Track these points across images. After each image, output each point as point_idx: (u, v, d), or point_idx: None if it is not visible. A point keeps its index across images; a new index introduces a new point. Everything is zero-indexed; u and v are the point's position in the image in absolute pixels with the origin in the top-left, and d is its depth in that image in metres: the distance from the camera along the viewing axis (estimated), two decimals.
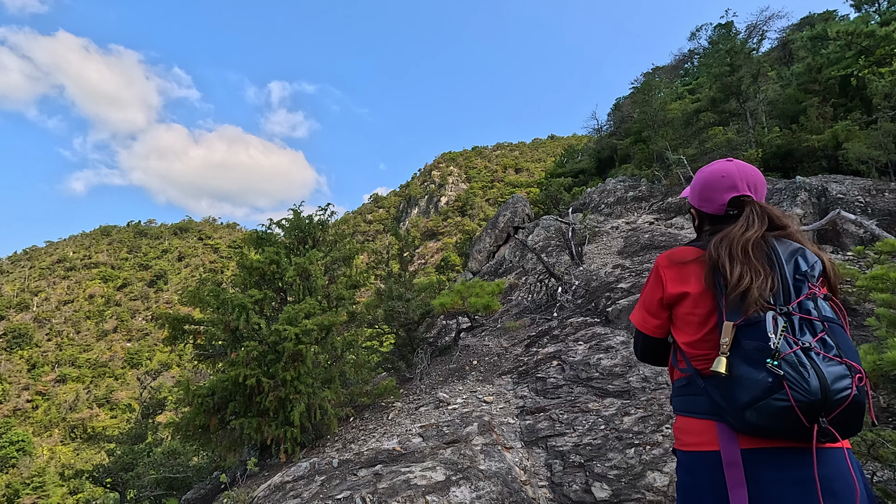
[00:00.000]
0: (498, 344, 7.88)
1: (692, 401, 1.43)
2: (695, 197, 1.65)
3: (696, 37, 31.95)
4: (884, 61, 14.35)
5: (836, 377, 1.15)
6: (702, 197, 1.60)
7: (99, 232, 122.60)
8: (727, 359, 1.28)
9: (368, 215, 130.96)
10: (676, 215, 13.51)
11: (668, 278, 1.52)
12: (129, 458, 9.63)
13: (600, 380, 4.88)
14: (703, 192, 1.60)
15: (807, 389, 1.13)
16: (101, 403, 69.75)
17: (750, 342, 1.25)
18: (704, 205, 1.60)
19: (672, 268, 1.53)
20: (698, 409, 1.40)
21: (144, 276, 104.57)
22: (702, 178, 1.63)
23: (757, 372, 1.20)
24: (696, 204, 1.65)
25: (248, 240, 6.37)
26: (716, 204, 1.56)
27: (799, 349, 1.19)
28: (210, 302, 5.47)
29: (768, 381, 1.17)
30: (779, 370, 1.16)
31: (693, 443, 1.39)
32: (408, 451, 3.91)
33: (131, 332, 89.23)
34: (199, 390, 5.28)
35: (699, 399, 1.41)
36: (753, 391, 1.20)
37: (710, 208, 1.59)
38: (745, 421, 1.23)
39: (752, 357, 1.23)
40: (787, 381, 1.14)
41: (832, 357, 1.19)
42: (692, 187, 1.67)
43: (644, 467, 3.13)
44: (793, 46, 20.34)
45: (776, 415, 1.16)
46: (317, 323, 5.27)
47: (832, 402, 1.13)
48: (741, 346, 1.27)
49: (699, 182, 1.63)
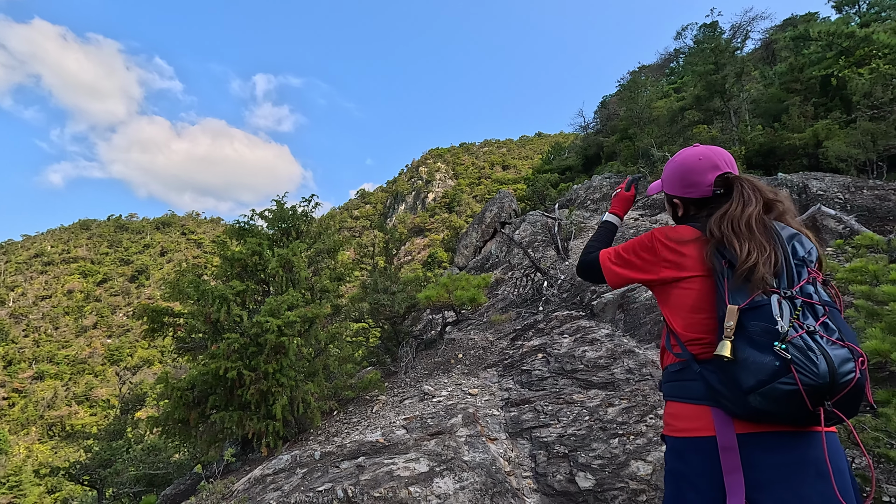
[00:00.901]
0: (483, 338, 7.86)
1: (685, 386, 1.41)
2: (675, 186, 1.62)
3: (681, 36, 32.23)
4: (863, 62, 14.63)
5: (841, 360, 1.14)
6: (684, 183, 1.58)
7: (78, 226, 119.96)
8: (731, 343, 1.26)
9: (355, 211, 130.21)
10: (661, 211, 13.62)
11: (665, 258, 1.48)
12: (108, 455, 9.43)
13: (585, 371, 4.88)
14: (684, 178, 1.58)
15: (815, 373, 1.12)
16: (81, 401, 68.45)
17: (756, 325, 1.23)
18: (689, 190, 1.57)
19: (670, 247, 1.48)
20: (692, 395, 1.38)
21: (125, 272, 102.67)
22: (678, 165, 1.61)
23: (763, 356, 1.19)
24: (678, 192, 1.61)
25: (230, 231, 6.25)
26: (702, 186, 1.54)
27: (805, 332, 1.17)
28: (190, 293, 5.35)
29: (775, 364, 1.15)
30: (786, 354, 1.14)
31: (686, 428, 1.37)
32: (391, 442, 3.87)
33: (112, 328, 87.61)
34: (178, 384, 5.17)
35: (693, 384, 1.38)
36: (759, 375, 1.18)
37: (696, 192, 1.56)
38: (747, 405, 1.21)
39: (757, 340, 1.21)
40: (795, 365, 1.13)
41: (835, 341, 1.18)
42: (668, 178, 1.64)
43: (628, 457, 3.13)
44: (776, 47, 20.62)
45: (781, 399, 1.15)
46: (300, 315, 5.19)
47: (838, 386, 1.13)
48: (746, 330, 1.25)
49: (676, 170, 1.61)
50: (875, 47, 14.48)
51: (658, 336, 5.46)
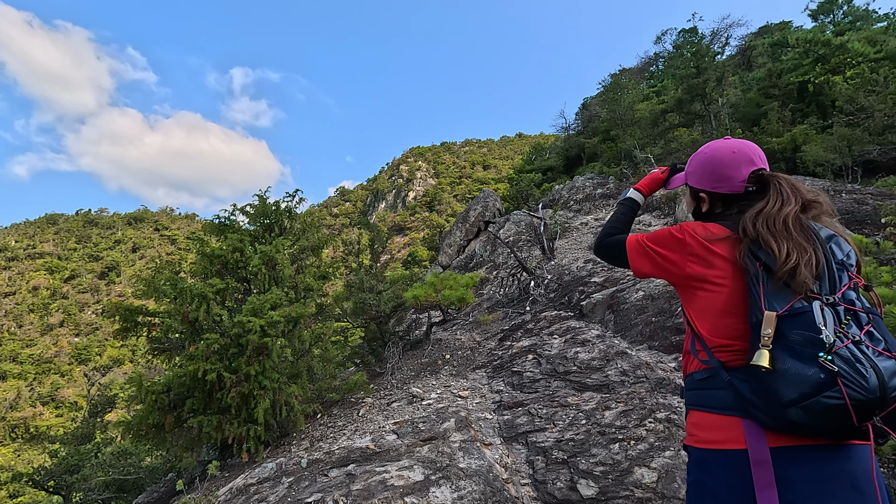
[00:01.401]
0: (470, 338, 7.74)
1: (712, 395, 1.32)
2: (703, 179, 1.51)
3: (661, 40, 32.80)
4: (838, 69, 15.03)
5: (892, 373, 1.06)
6: (715, 177, 1.47)
7: (44, 220, 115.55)
8: (769, 352, 1.16)
9: (335, 209, 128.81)
10: (644, 212, 13.72)
11: (694, 253, 1.38)
12: (75, 460, 8.98)
13: (578, 373, 4.80)
14: (714, 171, 1.47)
15: (864, 387, 1.03)
16: (46, 401, 65.96)
17: (798, 334, 1.14)
18: (719, 185, 1.47)
19: (701, 242, 1.37)
20: (720, 405, 1.29)
21: (95, 268, 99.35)
22: (708, 158, 1.50)
23: (806, 367, 1.09)
24: (706, 186, 1.51)
25: (209, 227, 5.97)
26: (735, 181, 1.44)
27: (850, 343, 1.08)
28: (167, 291, 5.07)
29: (820, 377, 1.06)
30: (833, 366, 1.05)
31: (712, 439, 1.28)
32: (382, 449, 3.70)
33: (80, 326, 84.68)
34: (153, 386, 4.89)
35: (721, 393, 1.29)
36: (802, 388, 1.09)
37: (726, 187, 1.46)
38: (785, 419, 1.12)
39: (799, 350, 1.12)
40: (843, 378, 1.04)
41: (881, 351, 1.09)
42: (696, 171, 1.54)
43: (631, 463, 3.04)
44: (753, 53, 21.05)
45: (825, 413, 1.06)
46: (283, 314, 4.96)
47: (888, 400, 1.04)
48: (786, 338, 1.15)
49: (706, 163, 1.50)
50: (849, 55, 14.90)
51: (650, 337, 5.42)
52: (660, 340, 5.24)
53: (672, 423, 3.51)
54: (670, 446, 3.16)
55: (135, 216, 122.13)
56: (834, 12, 17.30)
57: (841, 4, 17.21)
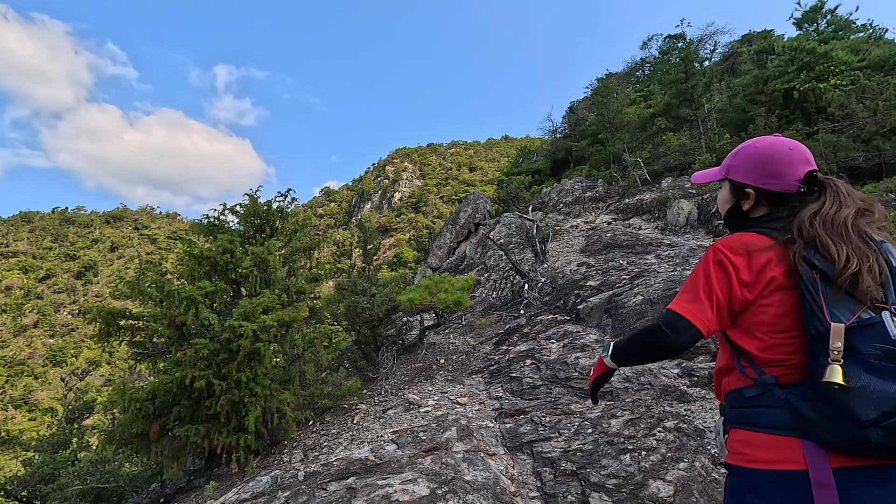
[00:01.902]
0: (464, 342, 7.61)
1: (764, 413, 1.21)
2: (752, 174, 1.38)
3: (647, 46, 33.18)
4: (822, 77, 15.30)
5: None
6: (766, 172, 1.35)
7: (19, 218, 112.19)
8: (841, 367, 1.06)
9: (320, 209, 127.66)
10: (634, 216, 13.77)
11: (741, 268, 1.25)
12: (51, 468, 8.60)
13: (580, 380, 4.70)
14: (766, 166, 1.35)
15: None
16: (18, 405, 63.94)
17: (872, 347, 1.05)
18: (771, 182, 1.35)
19: (744, 256, 1.26)
20: (774, 424, 1.18)
21: (71, 268, 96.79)
22: (760, 153, 1.38)
23: (888, 384, 1.01)
24: (755, 182, 1.38)
25: (197, 227, 5.74)
26: (789, 179, 1.33)
27: None
28: (152, 294, 4.83)
29: None
30: None
31: (766, 459, 1.18)
32: (383, 460, 3.55)
33: (55, 327, 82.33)
34: (136, 393, 4.66)
35: (776, 412, 1.19)
36: (884, 406, 1.00)
37: (779, 185, 1.34)
38: (861, 440, 1.03)
39: (876, 365, 1.04)
40: None
41: None
42: (744, 165, 1.41)
43: (644, 475, 2.93)
44: (738, 59, 21.36)
45: None
46: (276, 318, 4.77)
47: None
48: (858, 352, 1.06)
49: (758, 157, 1.38)
50: (833, 63, 15.18)
51: None
52: None
53: (682, 433, 3.43)
54: (684, 457, 3.07)
55: (114, 215, 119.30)
56: (818, 21, 17.65)
57: (825, 14, 17.57)
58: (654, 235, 10.65)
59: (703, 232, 10.63)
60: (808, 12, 17.74)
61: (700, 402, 4.05)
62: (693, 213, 11.37)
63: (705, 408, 3.96)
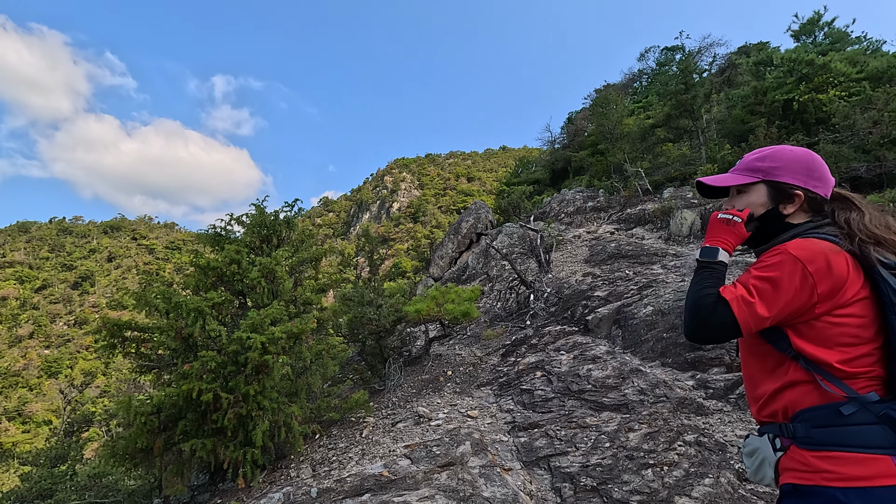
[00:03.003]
0: (471, 353, 7.53)
1: (859, 432, 1.13)
2: (800, 175, 1.33)
3: (644, 58, 33.48)
4: (821, 88, 15.42)
5: None
6: (813, 174, 1.32)
7: (16, 228, 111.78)
8: None
9: (318, 219, 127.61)
10: (636, 226, 13.76)
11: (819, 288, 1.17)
12: (48, 483, 8.42)
13: (594, 392, 4.63)
14: (812, 168, 1.33)
15: None
16: (12, 417, 63.14)
17: None
18: (817, 184, 1.32)
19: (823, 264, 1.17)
20: (871, 443, 1.11)
21: (68, 278, 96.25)
22: (804, 154, 1.35)
23: None
24: (803, 183, 1.32)
25: (205, 237, 5.69)
26: (830, 184, 1.33)
27: None
28: (159, 305, 4.76)
29: None
30: None
31: (859, 476, 1.10)
32: (397, 475, 3.46)
33: (50, 337, 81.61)
34: (142, 407, 4.56)
35: (874, 429, 1.12)
36: None
37: (822, 189, 1.32)
38: None
39: None
40: None
41: None
42: (789, 166, 1.34)
43: (669, 492, 2.86)
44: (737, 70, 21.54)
45: None
46: (285, 330, 4.70)
47: None
48: None
49: (802, 159, 1.34)
50: (832, 75, 15.30)
51: (662, 354, 5.29)
52: (673, 357, 5.12)
53: (703, 447, 3.36)
54: (708, 472, 3.00)
55: (111, 225, 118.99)
56: (815, 33, 17.84)
57: (822, 26, 17.77)
58: (658, 245, 10.62)
59: None
60: (805, 24, 17.95)
61: (718, 414, 3.99)
62: (696, 222, 11.36)
63: (724, 421, 3.90)
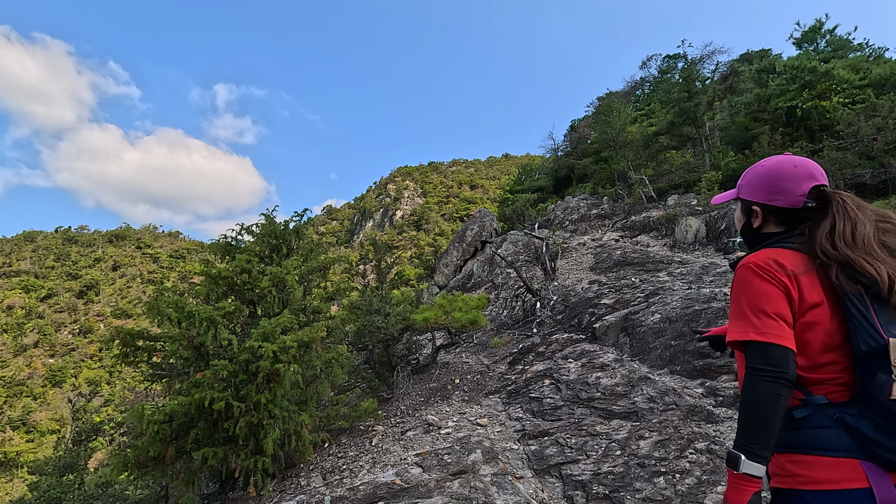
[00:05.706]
0: (478, 361, 7.55)
1: (818, 435, 1.19)
2: (758, 191, 1.42)
3: (646, 66, 33.67)
4: (824, 95, 15.47)
5: None
6: (771, 189, 1.39)
7: (22, 237, 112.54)
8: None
9: (321, 227, 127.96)
10: (641, 233, 13.78)
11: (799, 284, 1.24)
12: (57, 492, 8.47)
13: (603, 400, 4.64)
14: (772, 183, 1.39)
15: None
16: (17, 426, 63.20)
17: None
18: (776, 198, 1.38)
19: (785, 273, 1.25)
20: (831, 446, 1.17)
21: (73, 287, 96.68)
22: (767, 170, 1.41)
23: None
24: (761, 199, 1.41)
25: (215, 246, 5.76)
26: (793, 195, 1.35)
27: None
28: (171, 315, 4.82)
29: None
30: None
31: (828, 479, 1.15)
32: (410, 484, 3.48)
33: (55, 346, 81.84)
34: (154, 416, 4.60)
35: (830, 433, 1.18)
36: None
37: (783, 201, 1.37)
38: None
39: None
40: None
41: None
42: (751, 183, 1.45)
43: (682, 500, 2.88)
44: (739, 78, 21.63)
45: None
46: (296, 339, 4.75)
47: None
48: None
49: (764, 175, 1.41)
50: (835, 82, 15.36)
51: (670, 362, 5.30)
52: (682, 365, 5.12)
53: (714, 455, 3.37)
54: (720, 480, 3.01)
55: (116, 234, 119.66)
56: (817, 41, 17.92)
57: (824, 34, 17.86)
58: (663, 253, 10.63)
59: (712, 249, 10.62)
60: (807, 32, 18.04)
61: (728, 422, 3.99)
62: (701, 230, 11.38)
63: (734, 428, 3.90)
